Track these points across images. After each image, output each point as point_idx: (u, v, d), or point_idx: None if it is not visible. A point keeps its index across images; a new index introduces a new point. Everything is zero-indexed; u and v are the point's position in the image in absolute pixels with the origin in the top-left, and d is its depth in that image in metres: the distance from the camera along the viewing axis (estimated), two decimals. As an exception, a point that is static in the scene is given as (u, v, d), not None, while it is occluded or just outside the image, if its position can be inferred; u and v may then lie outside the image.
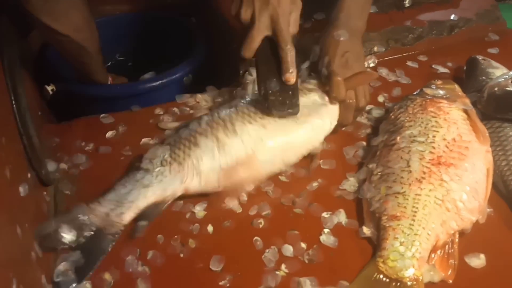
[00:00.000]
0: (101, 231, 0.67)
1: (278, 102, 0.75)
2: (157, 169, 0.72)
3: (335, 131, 0.82)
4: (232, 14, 0.77)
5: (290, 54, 0.75)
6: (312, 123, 0.78)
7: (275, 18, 0.74)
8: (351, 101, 0.81)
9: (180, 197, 0.74)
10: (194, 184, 0.73)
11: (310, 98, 0.80)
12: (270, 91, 0.76)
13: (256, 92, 0.81)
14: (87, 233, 0.67)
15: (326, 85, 0.80)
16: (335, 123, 0.81)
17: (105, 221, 0.68)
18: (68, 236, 0.66)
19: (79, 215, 0.67)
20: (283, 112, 0.76)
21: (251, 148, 0.74)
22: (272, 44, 0.76)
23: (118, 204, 0.69)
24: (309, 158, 0.79)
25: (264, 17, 0.74)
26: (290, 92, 0.76)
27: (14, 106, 0.69)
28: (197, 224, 0.72)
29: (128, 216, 0.69)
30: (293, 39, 0.76)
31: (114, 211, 0.69)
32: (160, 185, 0.71)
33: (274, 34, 0.75)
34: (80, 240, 0.66)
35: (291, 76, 0.75)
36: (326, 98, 0.80)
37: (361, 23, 0.87)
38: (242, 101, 0.79)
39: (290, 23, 0.75)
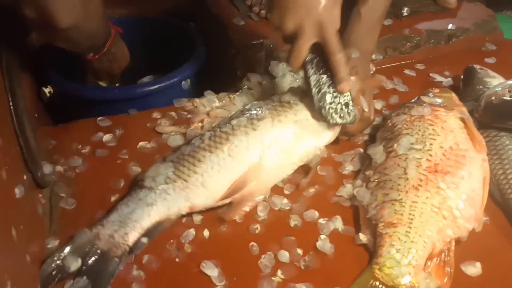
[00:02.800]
0: (106, 254, 0.66)
1: (334, 112, 0.75)
2: (160, 187, 0.71)
3: (336, 139, 0.82)
4: (275, 25, 0.74)
5: (341, 63, 0.73)
6: (315, 127, 0.77)
7: (321, 25, 0.71)
8: (365, 110, 0.80)
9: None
10: (200, 199, 0.71)
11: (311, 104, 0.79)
12: (325, 104, 0.74)
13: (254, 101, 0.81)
14: (92, 258, 0.65)
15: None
16: (338, 129, 0.80)
17: (109, 243, 0.66)
18: (73, 265, 0.64)
19: (82, 242, 0.66)
20: (342, 122, 0.76)
21: (259, 156, 0.73)
22: (319, 50, 0.74)
23: (121, 224, 0.68)
24: (306, 166, 0.79)
25: (310, 26, 0.71)
26: (345, 101, 0.75)
27: (12, 107, 0.69)
28: (193, 229, 0.71)
29: (132, 236, 0.68)
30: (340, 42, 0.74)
31: (118, 232, 0.67)
32: (164, 203, 0.70)
33: (322, 42, 0.72)
34: (86, 266, 0.64)
35: (344, 87, 0.74)
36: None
37: (371, 45, 0.87)
38: (243, 113, 0.78)
39: (338, 35, 0.72)
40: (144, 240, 0.68)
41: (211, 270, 0.66)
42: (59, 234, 0.71)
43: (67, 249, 0.65)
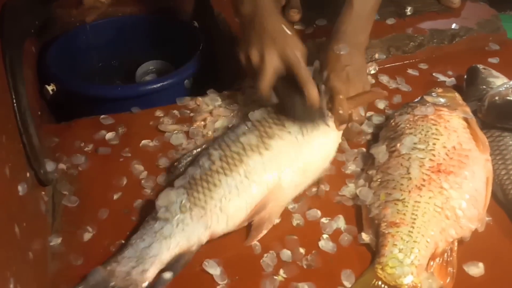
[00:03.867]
0: None
1: (308, 122, 0.76)
2: (176, 217, 0.66)
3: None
4: (243, 62, 0.78)
5: (308, 78, 0.74)
6: (322, 141, 0.77)
7: (283, 52, 0.74)
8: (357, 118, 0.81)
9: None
10: (220, 226, 0.68)
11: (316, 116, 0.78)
12: (298, 117, 0.75)
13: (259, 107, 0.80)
14: None
15: (328, 102, 0.79)
16: (339, 140, 0.80)
17: (126, 281, 0.62)
18: None
19: (96, 281, 0.62)
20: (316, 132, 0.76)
21: (278, 177, 0.71)
22: (288, 75, 0.76)
23: (139, 260, 0.63)
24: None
25: (273, 51, 0.75)
26: (318, 113, 0.76)
27: (15, 105, 0.69)
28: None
29: (152, 273, 0.63)
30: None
31: (136, 269, 0.63)
32: (183, 234, 0.66)
33: (287, 65, 0.75)
34: None
35: (315, 100, 0.75)
36: (330, 116, 0.79)
37: (364, 37, 0.86)
38: (247, 124, 0.76)
39: (298, 54, 0.75)
40: (167, 276, 0.64)
41: (213, 269, 0.66)
42: (61, 231, 0.72)
43: None
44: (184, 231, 0.66)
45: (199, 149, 0.77)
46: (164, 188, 0.71)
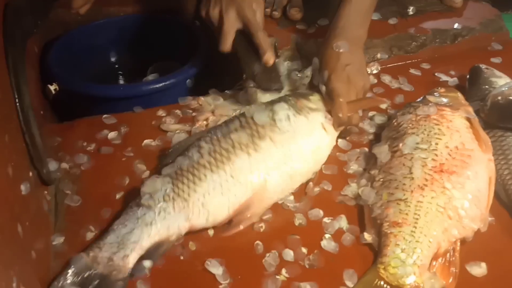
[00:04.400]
0: (107, 279, 0.62)
1: (263, 82, 0.85)
2: (159, 205, 0.67)
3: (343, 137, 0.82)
4: (202, 15, 0.85)
5: (262, 38, 0.83)
6: (315, 146, 0.77)
7: (241, 11, 0.82)
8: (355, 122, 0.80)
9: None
10: (200, 221, 0.69)
11: (313, 118, 0.78)
12: (255, 73, 0.84)
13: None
14: (92, 285, 0.62)
15: (327, 103, 0.79)
16: (334, 143, 0.80)
17: (109, 267, 0.63)
18: None
19: (80, 268, 0.63)
20: (270, 89, 0.85)
21: (263, 179, 0.71)
22: (246, 35, 0.84)
23: (120, 246, 0.64)
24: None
25: (231, 11, 0.82)
26: (273, 73, 0.85)
27: (17, 104, 0.69)
28: (197, 227, 0.71)
29: (132, 258, 0.64)
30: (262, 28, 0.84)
31: (117, 254, 0.64)
32: (164, 223, 0.67)
33: (244, 25, 0.83)
34: None
35: (268, 58, 0.83)
36: (328, 118, 0.79)
37: (362, 31, 0.85)
38: (241, 120, 0.75)
39: (258, 18, 0.83)
40: (147, 263, 0.65)
41: (216, 268, 0.66)
42: (64, 231, 0.72)
43: (65, 279, 0.62)
44: (165, 219, 0.67)
45: (192, 138, 0.77)
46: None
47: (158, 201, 0.68)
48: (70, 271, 0.63)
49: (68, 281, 0.62)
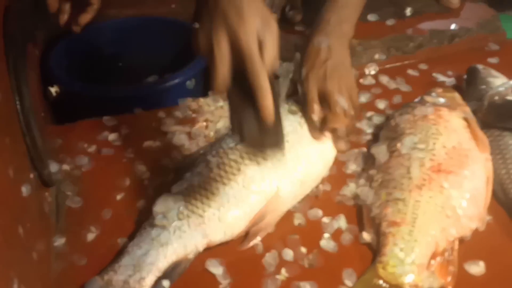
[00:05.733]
0: None
1: (256, 143, 0.63)
2: (173, 224, 0.66)
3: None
4: (195, 51, 0.60)
5: (262, 82, 0.56)
6: (321, 148, 0.76)
7: (235, 37, 0.55)
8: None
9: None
10: (218, 235, 0.67)
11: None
12: (245, 131, 0.60)
13: None
14: None
15: (303, 105, 0.76)
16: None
17: None
18: None
19: None
20: (264, 151, 0.67)
21: (276, 187, 0.70)
22: (242, 73, 0.57)
23: (136, 268, 0.63)
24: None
25: (222, 41, 0.55)
26: (271, 131, 0.60)
27: (18, 106, 0.69)
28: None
29: (149, 280, 0.63)
30: (271, 70, 0.58)
31: (133, 277, 0.62)
32: (180, 242, 0.65)
33: (239, 58, 0.55)
34: None
35: (268, 115, 0.57)
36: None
37: (347, 26, 0.81)
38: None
39: (264, 51, 0.56)
40: (165, 284, 0.63)
41: (216, 268, 0.66)
42: (65, 232, 0.72)
43: None
44: (181, 238, 0.66)
45: (201, 151, 0.77)
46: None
47: (173, 220, 0.66)
48: None
49: None
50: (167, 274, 0.64)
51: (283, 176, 0.71)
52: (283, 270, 0.66)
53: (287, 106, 0.79)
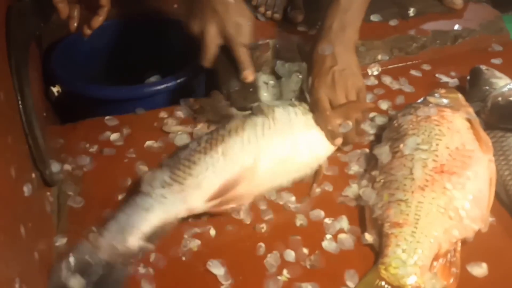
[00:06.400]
0: (110, 264, 0.65)
1: (240, 99, 0.80)
2: (157, 191, 0.70)
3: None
4: (186, 30, 0.83)
5: (242, 54, 0.80)
6: (311, 140, 0.77)
7: (222, 26, 0.79)
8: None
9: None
10: (196, 202, 0.71)
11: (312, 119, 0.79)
12: (232, 90, 0.81)
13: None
14: (96, 272, 0.64)
15: (314, 113, 0.78)
16: (333, 147, 0.80)
17: (111, 252, 0.65)
18: (77, 284, 0.62)
19: (83, 255, 0.65)
20: (245, 108, 0.80)
21: (253, 159, 0.73)
22: (227, 50, 0.81)
23: (120, 231, 0.67)
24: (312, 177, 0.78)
25: (212, 26, 0.79)
26: (251, 89, 0.81)
27: (20, 106, 0.69)
28: (199, 228, 0.71)
29: (132, 241, 0.67)
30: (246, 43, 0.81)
31: (118, 239, 0.66)
32: (161, 207, 0.69)
33: (226, 40, 0.80)
34: (92, 279, 0.63)
35: (247, 74, 0.80)
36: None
37: (351, 31, 0.82)
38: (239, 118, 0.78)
39: (241, 34, 0.79)
40: (148, 246, 0.67)
41: (217, 269, 0.66)
42: (67, 232, 0.72)
43: (69, 265, 0.64)
44: (162, 204, 0.70)
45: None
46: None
47: (157, 187, 0.71)
48: (73, 258, 0.65)
49: (72, 268, 0.64)
50: (150, 238, 0.68)
51: (264, 152, 0.74)
52: (284, 271, 0.66)
53: (290, 106, 0.80)
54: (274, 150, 0.75)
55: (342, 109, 0.79)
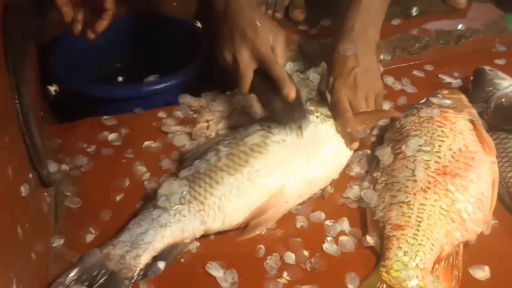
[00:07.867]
0: (116, 276, 0.63)
1: (287, 119, 0.74)
2: (175, 207, 0.68)
3: None
4: (220, 63, 0.77)
5: (280, 72, 0.72)
6: (335, 152, 0.76)
7: (255, 50, 0.73)
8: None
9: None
10: (216, 224, 0.68)
11: (332, 126, 0.77)
12: (276, 111, 0.74)
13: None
14: (101, 280, 0.63)
15: (333, 113, 0.77)
16: (351, 153, 0.79)
17: (120, 264, 0.64)
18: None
19: (92, 263, 0.64)
20: (296, 125, 0.74)
21: (281, 184, 0.70)
22: (264, 72, 0.74)
23: (133, 245, 0.65)
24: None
25: (245, 52, 0.74)
26: (296, 108, 0.74)
27: (17, 105, 0.69)
28: (198, 229, 0.71)
29: (144, 258, 0.65)
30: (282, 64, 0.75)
31: (130, 253, 0.65)
32: (178, 225, 0.67)
33: (260, 63, 0.74)
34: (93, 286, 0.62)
35: (289, 91, 0.71)
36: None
37: (372, 31, 0.82)
38: (258, 126, 0.75)
39: (277, 55, 0.74)
40: (161, 265, 0.65)
41: (217, 271, 0.66)
42: (64, 232, 0.71)
43: (75, 271, 0.63)
44: (180, 222, 0.67)
45: (211, 142, 0.77)
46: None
47: (174, 203, 0.68)
48: (81, 265, 0.64)
49: (78, 274, 0.63)
50: (163, 255, 0.66)
51: (291, 173, 0.71)
52: (285, 274, 0.66)
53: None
54: (301, 172, 0.72)
55: (363, 116, 0.78)
